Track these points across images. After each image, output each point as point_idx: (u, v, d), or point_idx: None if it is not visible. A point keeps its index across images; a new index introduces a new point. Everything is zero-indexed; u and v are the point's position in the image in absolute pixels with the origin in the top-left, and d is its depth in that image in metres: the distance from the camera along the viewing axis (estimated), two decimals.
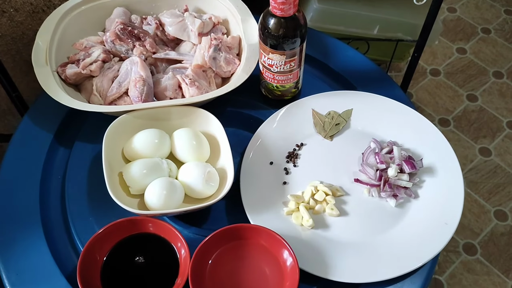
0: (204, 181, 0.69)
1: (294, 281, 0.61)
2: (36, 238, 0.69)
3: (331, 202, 0.71)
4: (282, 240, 0.63)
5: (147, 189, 0.68)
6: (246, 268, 0.64)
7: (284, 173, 0.76)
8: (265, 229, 0.65)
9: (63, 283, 0.65)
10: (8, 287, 0.65)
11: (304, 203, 0.71)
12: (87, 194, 0.74)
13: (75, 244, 0.70)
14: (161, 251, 0.65)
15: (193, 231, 0.71)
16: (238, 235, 0.66)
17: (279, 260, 0.64)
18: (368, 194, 0.72)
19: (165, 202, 0.67)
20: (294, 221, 0.70)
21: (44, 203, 0.74)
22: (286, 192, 0.73)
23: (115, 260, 0.64)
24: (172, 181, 0.69)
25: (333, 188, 0.72)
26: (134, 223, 0.66)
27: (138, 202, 0.71)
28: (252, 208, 0.71)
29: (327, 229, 0.69)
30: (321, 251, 0.67)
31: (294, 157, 0.77)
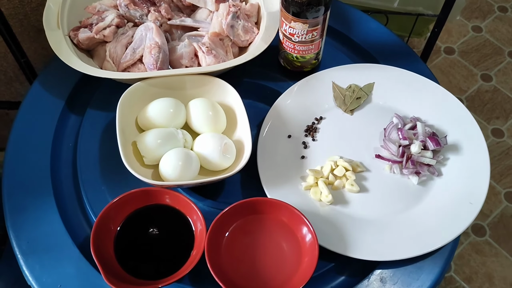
0: (221, 153, 0.67)
1: (313, 257, 0.59)
2: (47, 207, 0.67)
3: (351, 178, 0.69)
4: (301, 215, 0.62)
5: (162, 159, 0.66)
6: (263, 243, 0.63)
7: (302, 147, 0.73)
8: (284, 203, 0.63)
9: (75, 253, 0.64)
10: (19, 255, 0.64)
11: (323, 178, 0.69)
12: (99, 163, 0.72)
13: (87, 213, 0.68)
14: (176, 223, 0.64)
15: (208, 204, 0.69)
16: (256, 209, 0.64)
17: (297, 236, 0.63)
18: (389, 170, 0.70)
19: (181, 173, 0.65)
20: (312, 196, 0.68)
21: (55, 172, 0.72)
22: (304, 167, 0.71)
23: (128, 231, 0.63)
24: (188, 152, 0.67)
25: (353, 164, 0.70)
26: (149, 194, 0.64)
27: (152, 173, 0.68)
28: (269, 182, 0.68)
29: (346, 205, 0.68)
30: (339, 227, 0.65)
31: (313, 131, 0.74)
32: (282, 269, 0.61)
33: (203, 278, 0.61)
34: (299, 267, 0.61)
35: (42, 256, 0.63)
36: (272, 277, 0.60)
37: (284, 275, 0.60)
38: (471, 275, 1.31)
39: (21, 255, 0.63)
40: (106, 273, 0.56)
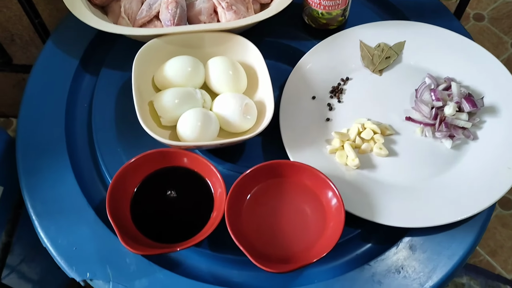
0: (241, 114, 0.63)
1: (339, 223, 0.56)
2: (62, 169, 0.65)
3: (379, 141, 0.65)
4: (326, 179, 0.58)
5: (180, 119, 0.63)
6: (286, 207, 0.59)
7: (327, 109, 0.69)
8: (308, 166, 0.59)
9: (90, 215, 0.61)
10: (34, 217, 0.62)
11: (350, 141, 0.65)
12: (115, 124, 0.69)
13: (103, 175, 0.66)
14: (195, 185, 0.61)
15: (227, 167, 0.66)
16: (278, 172, 0.61)
17: (321, 200, 0.59)
18: (421, 133, 0.66)
19: (200, 134, 0.61)
20: (338, 160, 0.64)
21: (70, 133, 0.69)
22: (329, 129, 0.67)
23: (145, 193, 0.60)
24: (207, 112, 0.63)
25: (382, 126, 0.66)
26: (166, 155, 0.61)
27: (170, 134, 0.65)
28: (292, 145, 0.65)
29: (374, 169, 0.64)
30: (366, 192, 0.61)
31: (338, 92, 0.70)
32: (305, 235, 0.58)
33: (222, 243, 0.59)
34: (323, 233, 0.57)
35: (57, 218, 0.61)
36: (294, 243, 0.57)
37: (307, 241, 0.57)
38: (496, 248, 1.27)
39: (36, 217, 0.62)
40: (122, 235, 0.53)
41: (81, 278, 0.57)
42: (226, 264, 0.60)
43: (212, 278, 0.59)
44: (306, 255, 0.56)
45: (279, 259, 0.56)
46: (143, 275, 0.57)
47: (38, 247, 0.66)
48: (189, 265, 0.60)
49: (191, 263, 0.60)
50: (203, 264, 0.60)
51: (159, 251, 0.53)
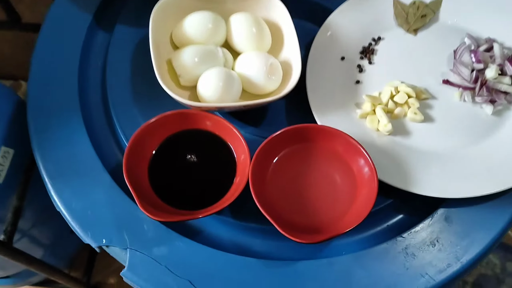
0: (266, 74, 0.59)
1: (372, 191, 0.52)
2: (75, 129, 0.62)
3: (414, 105, 0.60)
4: (358, 145, 0.54)
5: (200, 79, 0.59)
6: (314, 174, 0.56)
7: (357, 70, 0.65)
8: (338, 131, 0.55)
9: (105, 178, 0.58)
10: (46, 178, 0.59)
11: (382, 105, 0.60)
12: (130, 83, 0.65)
13: (119, 138, 0.63)
14: (217, 149, 0.57)
15: (249, 131, 0.62)
16: (306, 137, 0.57)
17: (352, 168, 0.55)
18: (459, 98, 0.61)
19: (222, 95, 0.57)
20: (369, 125, 0.60)
21: (83, 94, 0.65)
22: (359, 93, 0.63)
23: (164, 157, 0.57)
24: (230, 72, 0.59)
25: (417, 90, 0.61)
26: (186, 117, 0.57)
27: (189, 95, 0.61)
28: (319, 108, 0.61)
29: (407, 136, 0.59)
30: (399, 160, 0.57)
31: (369, 53, 0.65)
32: (335, 204, 0.54)
33: (245, 211, 0.56)
34: (354, 202, 0.54)
35: (71, 180, 0.58)
36: (323, 212, 0.54)
37: (337, 210, 0.54)
38: None
39: (49, 178, 0.58)
40: (141, 200, 0.50)
41: (97, 244, 0.54)
42: (249, 233, 0.56)
43: (234, 247, 0.56)
44: (336, 225, 0.52)
45: (306, 229, 0.52)
46: (161, 242, 0.54)
47: (49, 211, 0.63)
48: (209, 233, 0.57)
49: (212, 231, 0.57)
50: (225, 233, 0.57)
51: (180, 218, 0.50)
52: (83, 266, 1.12)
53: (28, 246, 0.90)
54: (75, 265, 1.14)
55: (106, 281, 1.15)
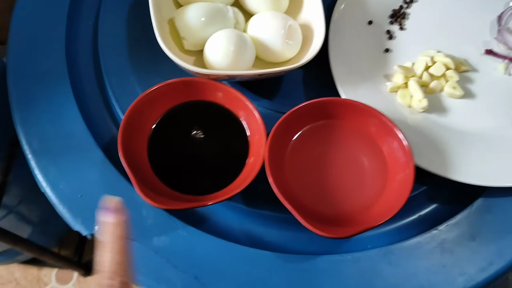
0: (284, 39, 0.51)
1: (408, 177, 0.45)
2: (63, 99, 0.54)
3: (452, 79, 0.52)
4: (391, 124, 0.47)
5: (208, 42, 0.51)
6: (338, 156, 0.48)
7: (386, 37, 0.57)
8: (368, 107, 0.48)
9: (98, 155, 0.51)
10: (29, 155, 0.51)
11: (415, 78, 0.53)
12: (126, 46, 0.57)
13: (113, 109, 0.55)
14: (227, 125, 0.50)
15: (263, 105, 0.55)
16: (329, 113, 0.49)
17: (382, 150, 0.48)
18: (504, 71, 0.53)
19: (233, 61, 0.49)
20: (400, 100, 0.52)
21: (72, 57, 0.57)
22: (388, 63, 0.55)
23: (166, 133, 0.49)
24: (242, 35, 0.51)
25: (456, 61, 0.54)
26: (191, 86, 0.49)
27: (194, 61, 0.53)
28: (344, 79, 0.53)
29: (444, 113, 0.52)
30: (435, 141, 0.50)
31: (400, 17, 0.57)
32: (362, 192, 0.47)
33: (258, 197, 0.49)
34: (384, 190, 0.47)
35: (58, 158, 0.50)
36: (348, 200, 0.47)
37: (364, 199, 0.47)
38: None
39: (32, 155, 0.51)
40: (140, 184, 0.43)
41: (88, 232, 0.47)
42: (262, 222, 0.50)
43: (245, 237, 0.49)
44: (364, 216, 0.45)
45: (329, 220, 0.46)
46: (162, 231, 0.47)
47: (37, 190, 0.56)
48: (217, 221, 0.50)
49: (219, 219, 0.50)
50: (235, 221, 0.50)
51: (186, 205, 0.43)
52: (74, 244, 1.05)
53: (14, 224, 0.83)
54: (65, 243, 1.08)
55: None
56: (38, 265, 1.07)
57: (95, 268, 0.30)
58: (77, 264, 1.00)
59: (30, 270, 1.09)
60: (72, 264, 0.98)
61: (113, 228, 0.30)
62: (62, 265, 0.95)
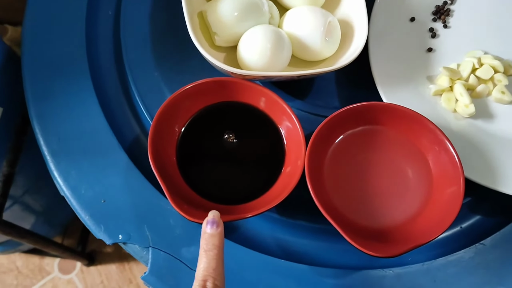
0: (323, 36, 0.47)
1: (457, 192, 0.42)
2: (83, 94, 0.50)
3: (501, 83, 0.49)
4: (440, 133, 0.43)
5: (242, 39, 0.47)
6: (380, 166, 0.45)
7: (429, 35, 0.53)
8: (414, 113, 0.44)
9: (122, 158, 0.47)
10: (48, 156, 0.48)
11: (462, 81, 0.49)
12: (150, 39, 0.53)
13: (136, 107, 0.51)
14: (262, 129, 0.46)
15: (296, 105, 0.51)
16: (371, 118, 0.46)
17: (427, 160, 0.45)
18: None
19: (270, 60, 0.46)
20: (445, 104, 0.49)
21: (93, 51, 0.53)
22: (431, 63, 0.52)
23: (196, 135, 0.46)
24: (279, 32, 0.47)
25: (505, 63, 0.50)
26: (224, 87, 0.46)
27: (224, 58, 0.50)
28: (384, 81, 0.49)
29: (492, 120, 0.49)
30: (482, 149, 0.47)
31: (444, 14, 0.53)
32: (405, 204, 0.44)
33: (293, 206, 0.46)
34: (428, 203, 0.44)
35: (80, 160, 0.47)
36: (391, 213, 0.44)
37: (408, 212, 0.44)
38: None
39: (51, 156, 0.48)
40: (173, 196, 0.39)
41: (112, 241, 0.44)
42: (296, 232, 0.47)
43: (278, 248, 0.46)
44: (408, 231, 0.42)
45: (371, 233, 0.43)
46: (191, 241, 0.44)
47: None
48: (248, 230, 0.47)
49: (251, 228, 0.47)
50: (267, 231, 0.47)
51: (224, 218, 0.39)
52: (78, 233, 1.02)
53: (19, 215, 0.80)
54: (69, 233, 1.05)
55: (102, 250, 1.06)
56: (41, 254, 1.04)
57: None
58: (80, 254, 0.98)
59: (32, 259, 1.06)
60: (75, 254, 0.95)
61: (211, 238, 0.35)
62: (66, 256, 0.92)
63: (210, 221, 0.36)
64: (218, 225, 0.36)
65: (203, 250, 0.34)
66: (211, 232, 0.35)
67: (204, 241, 0.35)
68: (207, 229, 0.35)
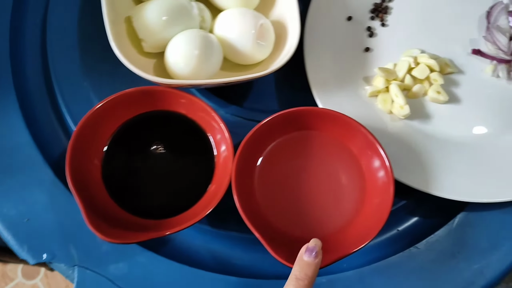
0: (255, 39, 0.46)
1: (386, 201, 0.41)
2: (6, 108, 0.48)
3: (437, 82, 0.48)
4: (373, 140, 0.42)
5: (169, 46, 0.45)
6: (313, 172, 0.44)
7: (366, 34, 0.52)
8: (346, 117, 0.43)
9: (47, 175, 0.46)
10: None
11: (397, 81, 0.48)
12: (78, 47, 0.51)
13: (64, 120, 0.50)
14: (191, 138, 0.45)
15: (232, 111, 0.50)
16: (304, 123, 0.45)
17: (361, 165, 0.44)
18: (491, 73, 0.49)
19: (197, 67, 0.44)
20: (381, 106, 0.48)
21: (17, 61, 0.51)
22: (369, 63, 0.51)
23: (122, 146, 0.44)
24: (207, 36, 0.45)
25: (441, 62, 0.49)
26: (151, 96, 0.44)
27: (155, 64, 0.48)
28: (320, 83, 0.48)
29: (428, 120, 0.48)
30: (417, 152, 0.46)
31: (382, 12, 0.52)
32: (339, 211, 0.43)
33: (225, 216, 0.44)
34: (361, 210, 0.43)
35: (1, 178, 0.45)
36: (324, 221, 0.43)
37: (342, 219, 0.43)
38: None
39: None
40: (89, 212, 0.38)
41: (35, 261, 0.43)
42: (229, 244, 0.46)
43: (211, 261, 0.45)
44: (340, 240, 0.41)
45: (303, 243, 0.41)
46: (119, 257, 0.43)
47: None
48: (179, 244, 0.46)
49: (182, 241, 0.46)
50: (199, 244, 0.46)
51: (142, 237, 0.38)
52: None
53: None
54: None
55: None
56: (2, 261, 1.02)
57: None
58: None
59: None
60: None
61: (306, 266, 0.33)
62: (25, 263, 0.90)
63: (310, 249, 0.34)
64: (317, 255, 0.34)
65: (294, 276, 0.33)
66: (308, 260, 0.34)
67: (298, 268, 0.33)
68: (305, 256, 0.34)
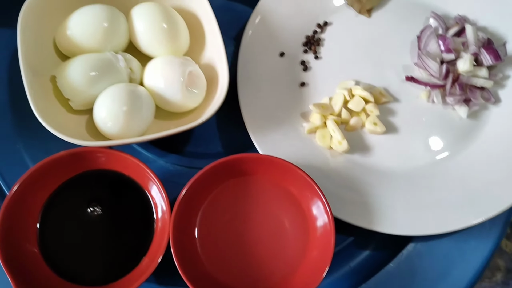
0: (184, 88, 0.45)
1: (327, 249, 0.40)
2: None
3: (373, 113, 0.48)
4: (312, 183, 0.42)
5: (96, 104, 0.44)
6: (255, 218, 0.44)
7: (301, 69, 0.52)
8: (281, 161, 0.43)
9: None
10: None
11: (334, 116, 0.48)
12: (9, 108, 0.50)
13: None
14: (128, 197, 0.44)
15: (172, 160, 0.49)
16: (243, 169, 0.44)
17: (302, 207, 0.44)
18: (427, 99, 0.50)
19: (127, 124, 0.43)
20: (320, 142, 0.48)
21: None
22: (305, 98, 0.50)
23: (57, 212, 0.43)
24: (135, 91, 0.45)
25: (375, 91, 0.49)
26: (81, 157, 0.43)
27: (87, 121, 0.47)
28: (256, 124, 0.48)
29: (367, 153, 0.48)
30: (359, 187, 0.46)
31: (315, 44, 0.52)
32: (284, 258, 0.42)
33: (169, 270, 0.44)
34: (306, 255, 0.42)
35: None
36: (269, 269, 0.42)
37: (287, 265, 0.42)
38: None
39: None
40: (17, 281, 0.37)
41: None
42: None
43: None
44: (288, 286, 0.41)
45: None
46: None
47: None
48: None
49: None
50: None
51: None
52: None
53: None
54: None
55: None
56: None
57: None
58: None
59: None
60: None
61: None
62: None
63: None
64: None
65: None
66: None
67: None
68: None
